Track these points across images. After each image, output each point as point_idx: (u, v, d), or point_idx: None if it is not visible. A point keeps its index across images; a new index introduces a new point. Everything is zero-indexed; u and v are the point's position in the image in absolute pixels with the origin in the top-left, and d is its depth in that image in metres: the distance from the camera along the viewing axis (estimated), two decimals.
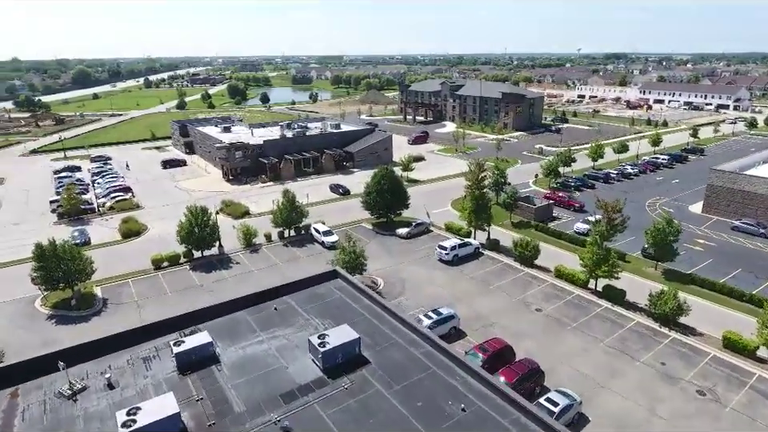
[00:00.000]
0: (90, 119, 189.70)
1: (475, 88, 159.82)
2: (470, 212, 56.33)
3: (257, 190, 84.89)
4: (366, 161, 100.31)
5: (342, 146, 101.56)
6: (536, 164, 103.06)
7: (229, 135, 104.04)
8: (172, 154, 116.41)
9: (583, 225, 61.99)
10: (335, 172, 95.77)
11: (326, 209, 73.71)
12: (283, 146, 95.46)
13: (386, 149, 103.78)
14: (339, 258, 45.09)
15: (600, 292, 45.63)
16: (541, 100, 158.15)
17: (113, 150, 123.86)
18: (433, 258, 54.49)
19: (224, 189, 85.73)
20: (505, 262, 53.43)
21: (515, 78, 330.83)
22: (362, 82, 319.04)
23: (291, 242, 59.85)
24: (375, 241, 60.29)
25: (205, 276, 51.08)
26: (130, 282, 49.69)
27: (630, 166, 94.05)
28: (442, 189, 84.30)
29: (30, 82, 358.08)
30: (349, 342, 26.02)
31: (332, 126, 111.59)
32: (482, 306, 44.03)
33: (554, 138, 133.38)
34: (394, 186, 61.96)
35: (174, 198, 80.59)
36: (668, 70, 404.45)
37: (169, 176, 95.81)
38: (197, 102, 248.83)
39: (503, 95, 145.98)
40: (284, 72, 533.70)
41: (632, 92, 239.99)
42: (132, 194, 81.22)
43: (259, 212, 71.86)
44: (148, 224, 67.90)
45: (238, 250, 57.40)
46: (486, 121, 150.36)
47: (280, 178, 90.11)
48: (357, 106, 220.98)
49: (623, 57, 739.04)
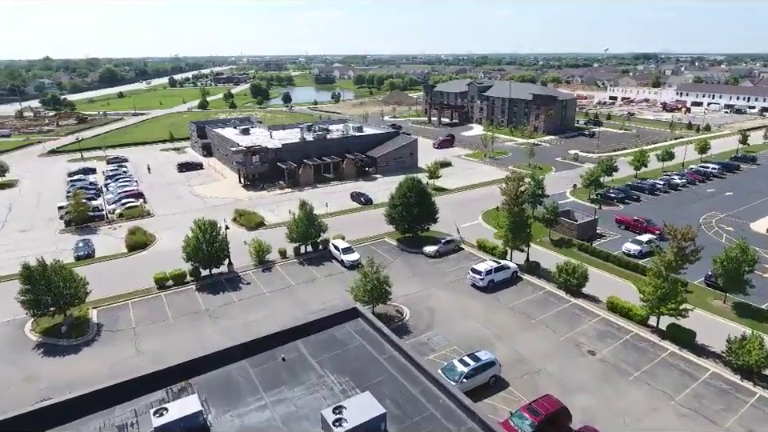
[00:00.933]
0: (111, 118, 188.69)
1: (504, 89, 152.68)
2: (507, 230, 50.17)
3: (273, 197, 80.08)
4: (389, 166, 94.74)
5: (364, 151, 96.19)
6: (571, 171, 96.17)
7: (247, 138, 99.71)
8: (189, 156, 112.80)
9: (634, 245, 55.17)
10: (356, 178, 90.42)
11: (346, 220, 68.37)
12: (303, 150, 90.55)
13: (411, 154, 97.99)
14: (360, 286, 39.59)
15: (663, 331, 39.06)
16: (573, 102, 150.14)
17: (130, 151, 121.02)
18: (464, 282, 48.55)
19: (239, 195, 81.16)
20: (547, 289, 47.12)
21: (543, 78, 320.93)
22: (386, 81, 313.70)
23: (308, 260, 54.58)
24: (400, 259, 54.61)
25: (211, 299, 46.18)
26: (130, 305, 45.08)
27: (677, 176, 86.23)
28: (472, 199, 78.13)
29: (59, 81, 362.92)
30: (372, 420, 20.44)
31: (354, 128, 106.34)
32: (525, 346, 37.95)
33: (589, 142, 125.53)
34: (422, 199, 56.14)
35: (188, 205, 76.34)
36: (702, 71, 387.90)
37: (184, 180, 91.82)
38: (219, 101, 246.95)
39: (534, 97, 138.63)
40: (307, 71, 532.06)
41: (667, 94, 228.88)
42: (144, 201, 77.31)
43: (275, 222, 66.96)
44: (157, 234, 63.57)
45: (249, 268, 52.42)
46: (516, 124, 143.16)
47: (298, 185, 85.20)
48: (380, 106, 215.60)
49: (653, 57, 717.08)
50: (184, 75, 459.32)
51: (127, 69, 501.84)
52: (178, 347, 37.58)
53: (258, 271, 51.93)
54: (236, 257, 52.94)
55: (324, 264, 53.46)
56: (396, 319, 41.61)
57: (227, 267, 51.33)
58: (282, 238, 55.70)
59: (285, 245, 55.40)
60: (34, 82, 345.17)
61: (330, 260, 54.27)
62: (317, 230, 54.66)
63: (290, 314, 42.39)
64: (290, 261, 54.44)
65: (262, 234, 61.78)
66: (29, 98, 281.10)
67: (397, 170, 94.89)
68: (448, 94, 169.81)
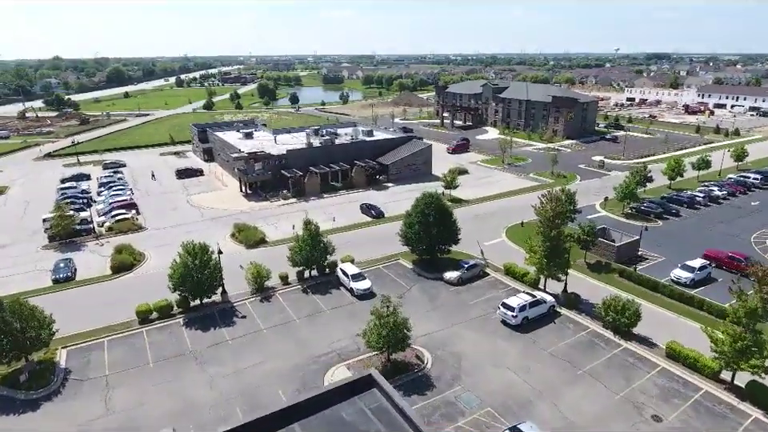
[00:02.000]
0: (114, 119, 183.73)
1: (520, 91, 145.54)
2: (542, 256, 43.46)
3: (277, 209, 73.81)
4: (401, 174, 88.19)
5: (374, 157, 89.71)
6: (598, 181, 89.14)
7: (250, 143, 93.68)
8: (190, 161, 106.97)
9: (684, 272, 48.20)
10: (366, 187, 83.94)
11: (356, 236, 61.96)
12: (309, 157, 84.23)
13: (424, 161, 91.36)
14: (373, 330, 33.13)
15: (741, 389, 32.24)
16: (594, 104, 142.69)
17: (129, 155, 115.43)
18: (493, 317, 41.96)
19: (240, 206, 74.96)
20: (591, 328, 40.34)
21: (556, 79, 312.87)
22: (395, 82, 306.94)
23: (312, 286, 48.16)
24: (417, 287, 48.06)
25: (199, 336, 39.88)
26: (105, 344, 38.90)
27: (716, 187, 78.92)
28: (493, 212, 71.39)
29: (65, 81, 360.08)
30: None
31: (364, 132, 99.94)
32: (573, 407, 31.28)
33: (613, 148, 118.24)
34: (442, 217, 49.52)
35: (183, 217, 70.29)
36: (718, 72, 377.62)
37: (182, 188, 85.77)
38: (225, 101, 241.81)
39: (553, 99, 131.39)
40: (315, 71, 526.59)
41: (688, 95, 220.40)
42: (136, 212, 71.31)
43: (277, 239, 60.68)
44: (147, 252, 57.50)
45: (245, 296, 46.14)
46: (533, 127, 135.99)
47: (304, 194, 78.90)
48: (389, 108, 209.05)
49: (666, 57, 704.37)
50: (191, 75, 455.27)
51: (135, 68, 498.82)
52: (155, 405, 31.39)
53: (255, 300, 45.60)
54: (232, 281, 46.78)
55: (331, 292, 47.01)
56: (416, 368, 35.08)
57: (221, 296, 45.11)
58: (284, 258, 49.27)
59: (287, 267, 49.05)
60: (41, 81, 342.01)
61: (338, 287, 47.81)
62: (322, 253, 48.27)
63: (290, 360, 36.09)
64: (292, 287, 48.05)
65: (263, 254, 55.63)
66: (35, 98, 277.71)
67: (410, 178, 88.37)
68: (461, 96, 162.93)
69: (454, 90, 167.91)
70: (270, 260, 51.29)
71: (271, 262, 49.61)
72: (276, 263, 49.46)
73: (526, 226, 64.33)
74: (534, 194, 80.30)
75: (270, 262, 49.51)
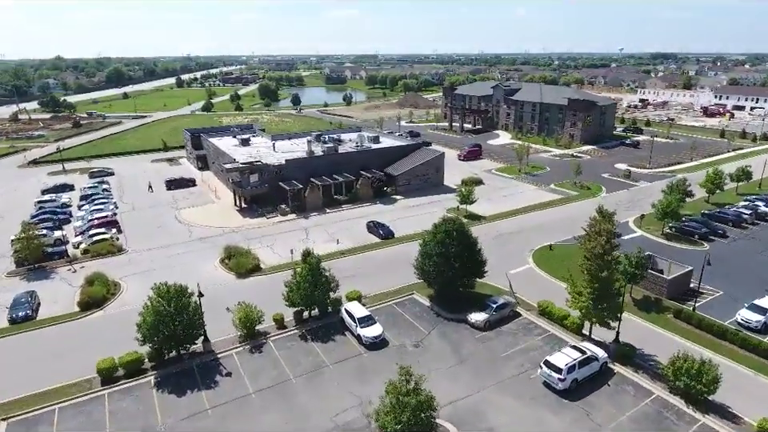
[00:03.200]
0: (109, 122, 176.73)
1: (534, 93, 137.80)
2: (589, 300, 35.90)
3: (274, 227, 66.35)
4: (411, 185, 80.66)
5: (382, 166, 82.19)
6: (626, 193, 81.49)
7: (246, 150, 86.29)
8: (182, 170, 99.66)
9: (755, 315, 40.53)
10: (373, 200, 76.44)
11: (363, 262, 54.51)
12: (310, 167, 76.79)
13: (436, 170, 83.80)
14: (390, 412, 25.65)
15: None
16: (613, 107, 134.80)
17: (119, 162, 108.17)
18: (532, 376, 34.45)
19: (233, 223, 67.58)
20: (656, 394, 32.70)
21: (565, 79, 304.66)
22: (399, 82, 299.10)
23: (312, 331, 40.64)
24: (436, 332, 40.52)
25: (173, 403, 32.44)
26: (56, 413, 31.52)
27: (762, 202, 71.14)
28: (514, 230, 63.84)
29: (64, 81, 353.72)
30: None
31: (369, 138, 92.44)
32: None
33: (634, 154, 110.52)
34: (466, 248, 41.97)
35: (169, 237, 62.93)
36: (728, 72, 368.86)
37: (171, 201, 78.42)
38: (225, 103, 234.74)
39: (569, 102, 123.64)
40: (318, 71, 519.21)
41: (704, 96, 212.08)
42: (117, 230, 64.01)
43: (273, 265, 53.29)
44: (123, 282, 50.16)
45: (232, 345, 38.70)
46: (548, 131, 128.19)
47: (304, 209, 71.48)
48: (395, 109, 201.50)
49: (672, 57, 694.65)
50: (192, 75, 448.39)
51: (136, 68, 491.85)
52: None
53: (243, 350, 38.13)
54: (216, 321, 39.42)
55: (334, 339, 39.51)
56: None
57: (202, 345, 37.74)
58: (280, 290, 41.73)
59: (283, 304, 41.52)
60: (39, 82, 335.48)
61: (343, 332, 40.32)
62: (324, 291, 40.86)
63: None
64: (288, 332, 40.53)
65: (256, 286, 48.36)
66: (32, 98, 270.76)
67: (420, 189, 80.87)
68: (470, 98, 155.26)
69: (462, 92, 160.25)
70: (264, 293, 44.05)
71: (265, 296, 42.32)
72: (271, 297, 42.08)
73: (556, 249, 56.95)
74: (558, 210, 73.24)
75: (264, 296, 42.22)
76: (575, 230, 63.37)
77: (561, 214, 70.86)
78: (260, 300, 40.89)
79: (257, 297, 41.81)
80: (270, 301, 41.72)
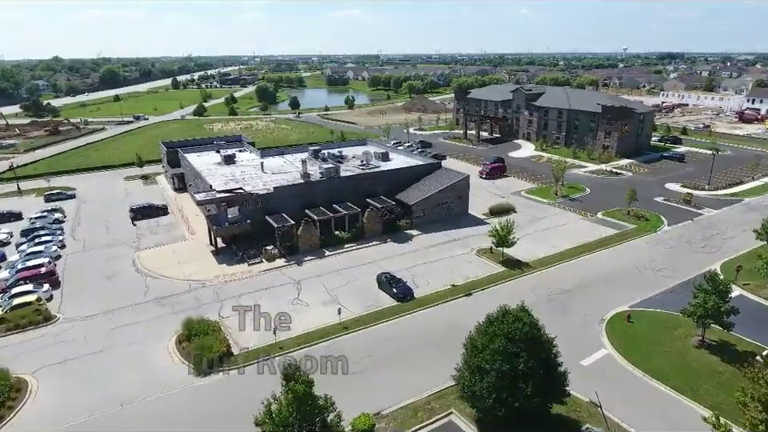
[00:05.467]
0: (92, 128, 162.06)
1: (560, 98, 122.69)
2: None
3: (258, 278, 51.43)
4: (429, 216, 65.68)
5: (392, 192, 67.29)
6: (691, 225, 66.53)
7: (228, 170, 71.52)
8: (157, 191, 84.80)
9: None
10: (383, 236, 61.47)
11: (372, 342, 39.57)
12: (305, 195, 61.97)
13: (459, 197, 68.83)
14: None
15: None
16: (651, 115, 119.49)
17: (86, 180, 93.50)
18: None
19: (205, 273, 52.58)
20: None
21: (579, 80, 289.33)
22: (404, 84, 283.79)
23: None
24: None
25: None
26: None
27: None
28: (573, 285, 48.84)
29: (54, 83, 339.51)
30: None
31: (377, 155, 77.52)
32: None
33: (683, 170, 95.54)
34: (540, 361, 26.88)
35: (120, 294, 48.06)
36: (741, 72, 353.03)
37: (134, 237, 63.56)
38: (220, 106, 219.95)
39: (604, 109, 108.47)
40: (319, 72, 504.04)
41: (735, 100, 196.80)
42: (52, 286, 49.14)
43: (251, 349, 38.43)
44: (31, 379, 35.33)
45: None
46: (578, 142, 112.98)
47: (297, 251, 56.51)
48: (401, 114, 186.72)
49: (679, 56, 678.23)
50: (188, 76, 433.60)
51: (133, 69, 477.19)
52: None
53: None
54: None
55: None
56: None
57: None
58: (257, 398, 26.60)
59: None
60: (28, 83, 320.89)
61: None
62: (315, 421, 25.89)
63: None
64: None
65: (221, 389, 33.43)
66: (18, 101, 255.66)
67: (440, 221, 65.89)
68: (485, 102, 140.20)
69: (477, 96, 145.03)
70: (234, 405, 29.23)
71: (236, 411, 27.47)
72: (243, 412, 27.19)
73: (636, 320, 42.05)
74: (618, 251, 56.89)
75: (234, 411, 27.37)
76: (648, 282, 48.76)
77: (623, 257, 55.85)
78: (227, 421, 26.00)
79: (223, 411, 26.97)
80: (244, 418, 26.85)
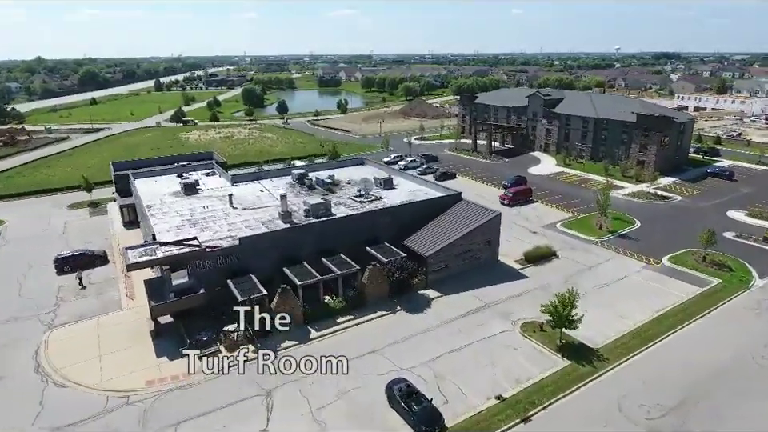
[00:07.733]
0: (52, 138, 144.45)
1: (584, 104, 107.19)
2: None
3: (208, 388, 35.00)
4: (450, 269, 49.52)
5: (399, 236, 51.12)
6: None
7: (187, 204, 54.98)
8: (103, 224, 68.12)
9: None
10: (390, 303, 45.22)
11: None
12: (284, 247, 45.60)
13: (488, 241, 52.67)
14: None
15: None
16: (691, 124, 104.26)
17: (18, 208, 76.60)
18: None
19: (131, 378, 35.87)
20: None
21: (583, 82, 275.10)
22: (400, 85, 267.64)
23: None
24: None
25: None
26: None
27: None
28: (687, 397, 32.82)
29: (28, 85, 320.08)
30: None
31: (379, 182, 61.29)
32: None
33: (738, 191, 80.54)
34: None
35: (8, 418, 31.62)
36: (743, 72, 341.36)
37: (51, 305, 46.84)
38: (202, 110, 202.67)
39: (639, 118, 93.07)
40: (310, 72, 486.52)
41: (758, 104, 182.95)
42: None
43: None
44: None
45: None
46: (608, 156, 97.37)
47: (269, 332, 40.02)
48: (398, 119, 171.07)
49: (674, 57, 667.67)
50: (174, 77, 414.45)
51: (117, 69, 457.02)
52: None
53: None
54: None
55: None
56: None
57: None
58: None
59: None
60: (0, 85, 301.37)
61: None
62: None
63: None
64: None
65: None
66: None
67: (464, 275, 49.71)
68: (495, 109, 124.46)
69: (486, 101, 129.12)
70: None
71: None
72: None
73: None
74: (714, 326, 39.38)
75: None
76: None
77: (726, 336, 40.09)
78: None
79: None
80: None
